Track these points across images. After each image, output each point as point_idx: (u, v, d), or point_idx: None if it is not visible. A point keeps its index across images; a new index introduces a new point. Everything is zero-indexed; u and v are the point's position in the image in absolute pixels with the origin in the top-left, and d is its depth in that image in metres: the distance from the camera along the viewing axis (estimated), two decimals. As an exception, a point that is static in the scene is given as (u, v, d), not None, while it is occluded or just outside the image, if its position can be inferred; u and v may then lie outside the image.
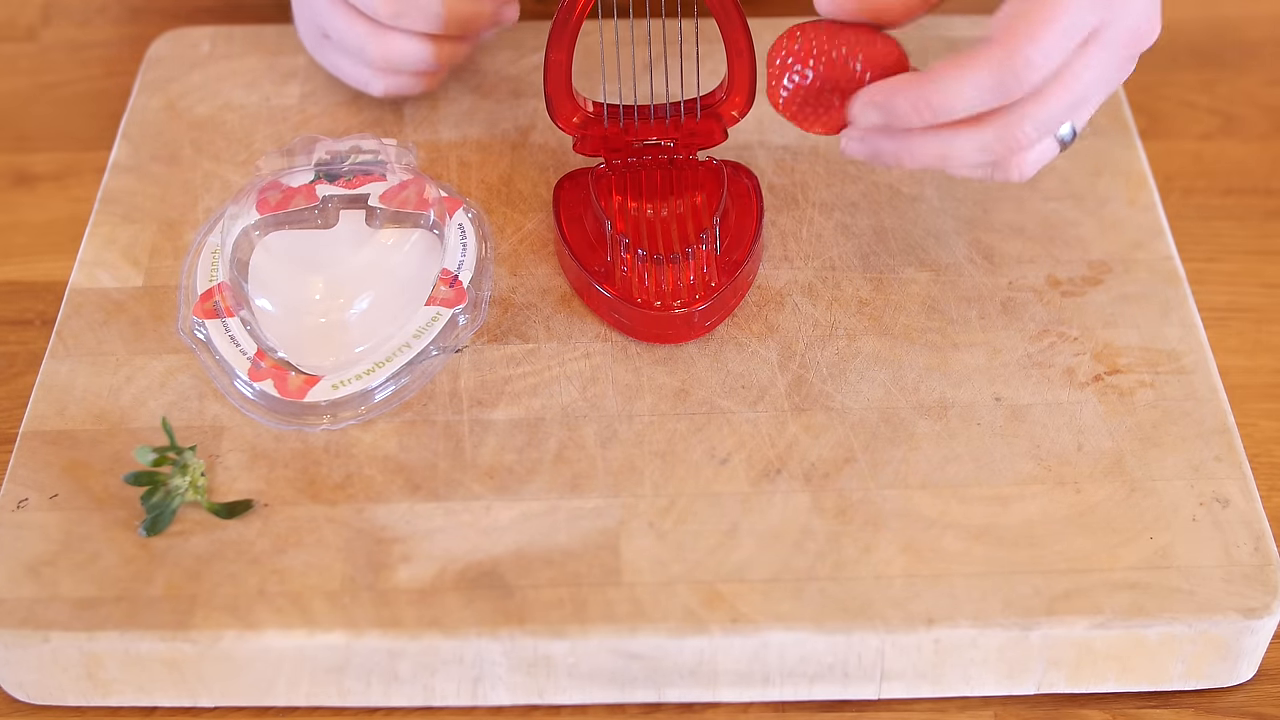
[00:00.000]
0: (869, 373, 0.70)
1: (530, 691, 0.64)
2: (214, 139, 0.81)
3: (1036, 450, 0.68)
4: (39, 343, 0.75)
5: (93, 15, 0.95)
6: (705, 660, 0.63)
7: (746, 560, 0.64)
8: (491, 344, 0.72)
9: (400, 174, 0.75)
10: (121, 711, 0.65)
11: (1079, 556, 0.64)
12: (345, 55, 0.79)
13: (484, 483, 0.67)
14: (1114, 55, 0.63)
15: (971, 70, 0.61)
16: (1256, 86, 0.90)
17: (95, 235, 0.77)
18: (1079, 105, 0.64)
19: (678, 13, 0.73)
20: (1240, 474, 0.67)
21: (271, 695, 0.64)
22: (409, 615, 0.63)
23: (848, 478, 0.67)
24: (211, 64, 0.85)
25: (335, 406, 0.69)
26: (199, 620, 0.63)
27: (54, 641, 0.62)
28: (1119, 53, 0.64)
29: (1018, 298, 0.74)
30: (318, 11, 0.78)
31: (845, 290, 0.74)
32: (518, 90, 0.83)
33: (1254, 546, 0.64)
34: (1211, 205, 0.84)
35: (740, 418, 0.69)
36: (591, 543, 0.65)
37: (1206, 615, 0.63)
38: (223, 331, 0.71)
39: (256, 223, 0.73)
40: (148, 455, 0.65)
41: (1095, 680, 0.64)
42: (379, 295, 0.71)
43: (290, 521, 0.66)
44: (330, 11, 0.77)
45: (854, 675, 0.64)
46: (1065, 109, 0.63)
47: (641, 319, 0.71)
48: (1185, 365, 0.71)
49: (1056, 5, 0.61)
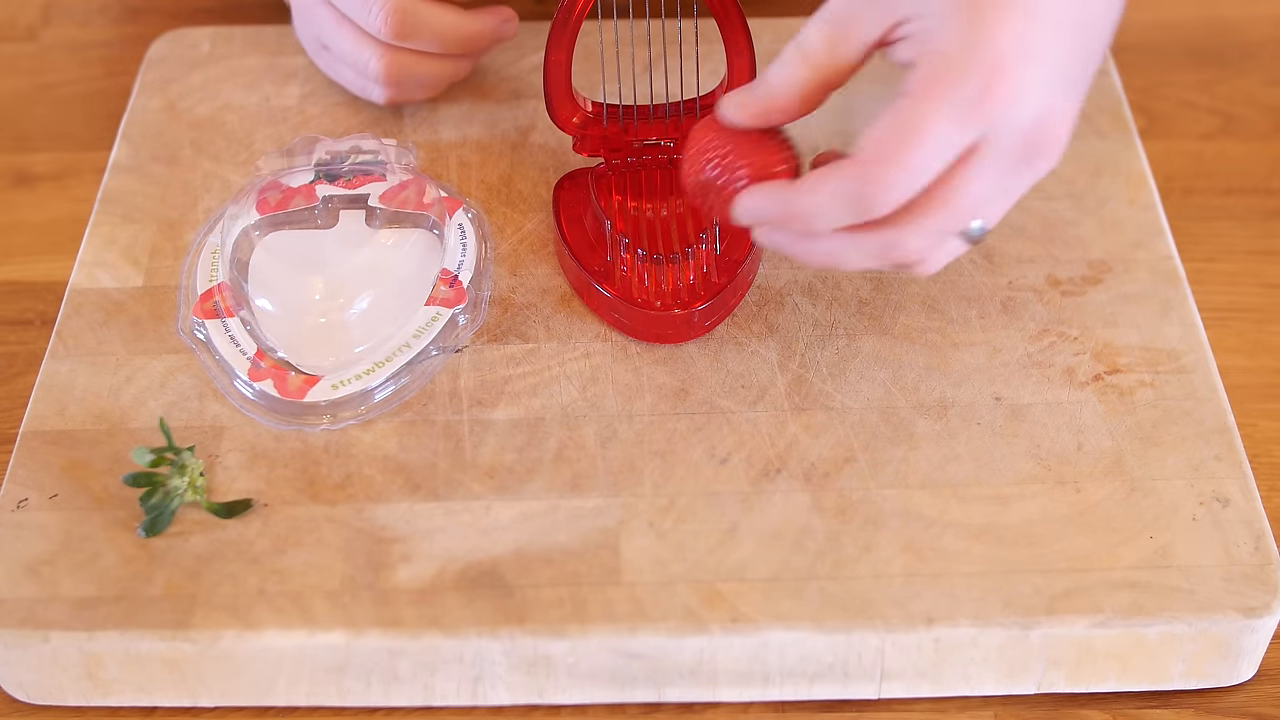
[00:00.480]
0: (869, 372, 0.70)
1: (530, 691, 0.64)
2: (214, 139, 0.81)
3: (1036, 450, 0.68)
4: (39, 343, 0.75)
5: (93, 15, 0.95)
6: (705, 660, 0.63)
7: (746, 560, 0.64)
8: (491, 344, 0.72)
9: (400, 174, 0.75)
10: (121, 711, 0.65)
11: (1079, 556, 0.64)
12: (348, 68, 0.79)
13: (484, 482, 0.67)
14: (1004, 165, 0.59)
15: (831, 188, 0.60)
16: (1256, 86, 0.90)
17: (95, 235, 0.77)
18: (969, 216, 0.61)
19: (677, 13, 0.73)
20: (1240, 474, 0.67)
21: (271, 695, 0.64)
22: (409, 615, 0.63)
23: (848, 477, 0.67)
24: (211, 64, 0.85)
25: (335, 406, 0.69)
26: (199, 620, 0.63)
27: (54, 641, 0.62)
28: (1010, 163, 0.60)
29: (1018, 297, 0.74)
30: (320, 26, 0.78)
31: (845, 290, 0.74)
32: (518, 90, 0.83)
33: (1254, 546, 0.64)
34: (1211, 205, 0.84)
35: (740, 417, 0.69)
36: (591, 542, 0.65)
37: (1207, 615, 0.63)
38: (223, 331, 0.71)
39: (256, 223, 0.73)
40: (145, 456, 0.65)
41: (1095, 680, 0.64)
42: (379, 295, 0.71)
43: (290, 521, 0.66)
44: (335, 30, 0.77)
45: (854, 675, 0.64)
46: (953, 222, 0.60)
47: (641, 319, 0.71)
48: (1185, 365, 0.71)
49: (920, 127, 0.58)
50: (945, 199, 0.59)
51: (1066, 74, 0.59)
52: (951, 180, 0.59)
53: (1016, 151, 0.59)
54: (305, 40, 0.82)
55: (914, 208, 0.59)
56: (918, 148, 0.58)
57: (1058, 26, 0.58)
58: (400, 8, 0.74)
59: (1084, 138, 0.81)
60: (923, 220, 0.60)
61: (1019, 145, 0.59)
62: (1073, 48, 0.59)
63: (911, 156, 0.58)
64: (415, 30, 0.75)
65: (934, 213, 0.59)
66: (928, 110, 0.57)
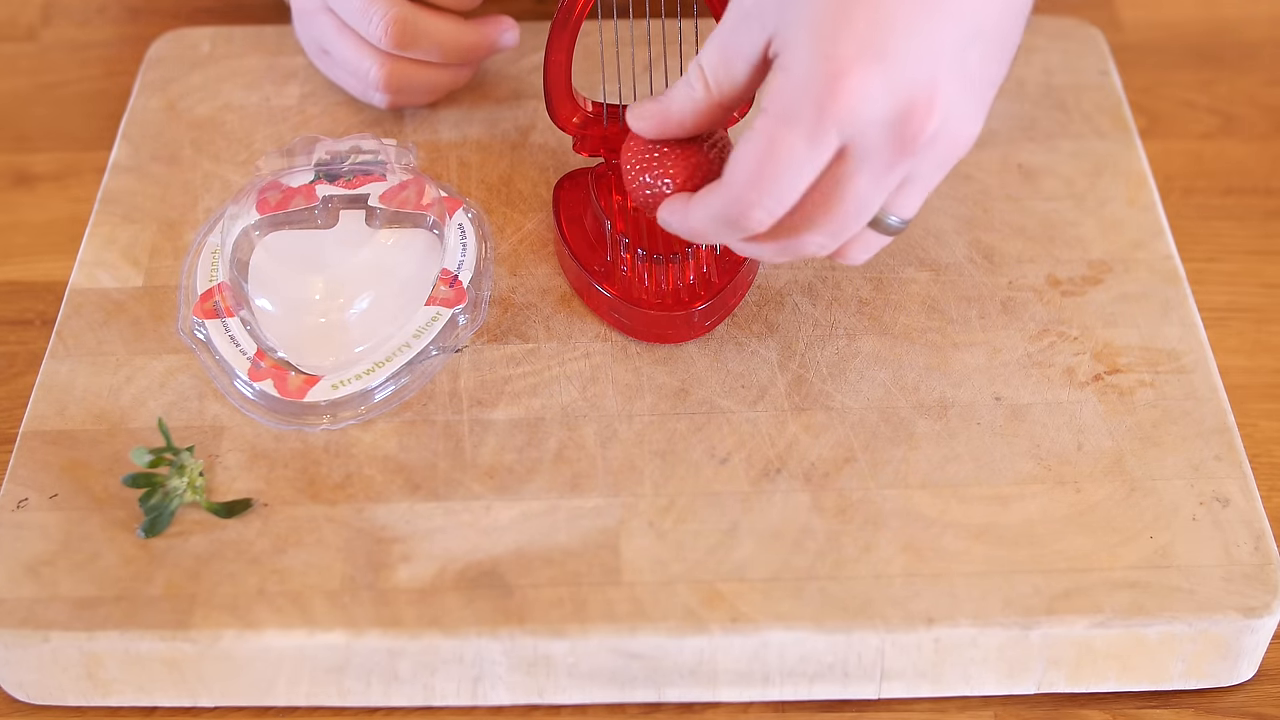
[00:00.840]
0: (869, 372, 0.70)
1: (530, 691, 0.64)
2: (214, 139, 0.81)
3: (1036, 450, 0.68)
4: (39, 343, 0.75)
5: (93, 15, 0.95)
6: (705, 660, 0.63)
7: (746, 560, 0.64)
8: (491, 344, 0.72)
9: (400, 174, 0.75)
10: (121, 711, 0.65)
11: (1079, 556, 0.64)
12: (350, 75, 0.79)
13: (484, 482, 0.67)
14: (878, 163, 0.59)
15: (707, 213, 0.62)
16: (1256, 86, 0.90)
17: (95, 235, 0.77)
18: (859, 215, 0.61)
19: (678, 13, 0.73)
20: (1240, 473, 0.67)
21: (271, 695, 0.64)
22: (409, 615, 0.63)
23: (848, 477, 0.67)
24: (211, 64, 0.85)
25: (335, 406, 0.69)
26: (199, 620, 0.63)
27: (54, 641, 0.62)
28: (885, 160, 0.59)
29: (1018, 297, 0.74)
30: (322, 32, 0.79)
31: (845, 290, 0.74)
32: (518, 90, 0.83)
33: (1254, 546, 0.64)
34: (1211, 205, 0.84)
35: (740, 417, 0.69)
36: (591, 542, 0.65)
37: (1206, 614, 0.63)
38: (223, 331, 0.71)
39: (256, 223, 0.73)
40: (144, 457, 0.65)
41: (1095, 680, 0.64)
42: (379, 295, 0.71)
43: (290, 521, 0.66)
44: (336, 38, 0.78)
45: (854, 675, 0.64)
46: (842, 225, 0.61)
47: (641, 319, 0.71)
48: (1185, 365, 0.71)
49: (773, 150, 0.58)
50: (827, 205, 0.60)
51: (936, 60, 0.58)
52: (827, 186, 0.60)
53: (888, 148, 0.58)
54: (306, 44, 0.82)
55: (799, 216, 0.61)
56: (775, 170, 0.59)
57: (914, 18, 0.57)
58: (400, 17, 0.75)
59: (1084, 138, 0.81)
60: (811, 227, 0.61)
61: (887, 142, 0.58)
62: (943, 31, 0.58)
63: (771, 180, 0.59)
64: (415, 40, 0.76)
65: (819, 219, 0.60)
66: (777, 131, 0.58)
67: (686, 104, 0.64)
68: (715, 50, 0.62)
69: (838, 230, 0.61)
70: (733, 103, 0.63)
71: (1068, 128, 0.81)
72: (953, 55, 0.58)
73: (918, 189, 0.61)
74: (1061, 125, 0.82)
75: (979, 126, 0.60)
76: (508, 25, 0.79)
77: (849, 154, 0.59)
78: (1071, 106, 0.83)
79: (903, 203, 0.62)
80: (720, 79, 0.62)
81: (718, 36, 0.62)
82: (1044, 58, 0.85)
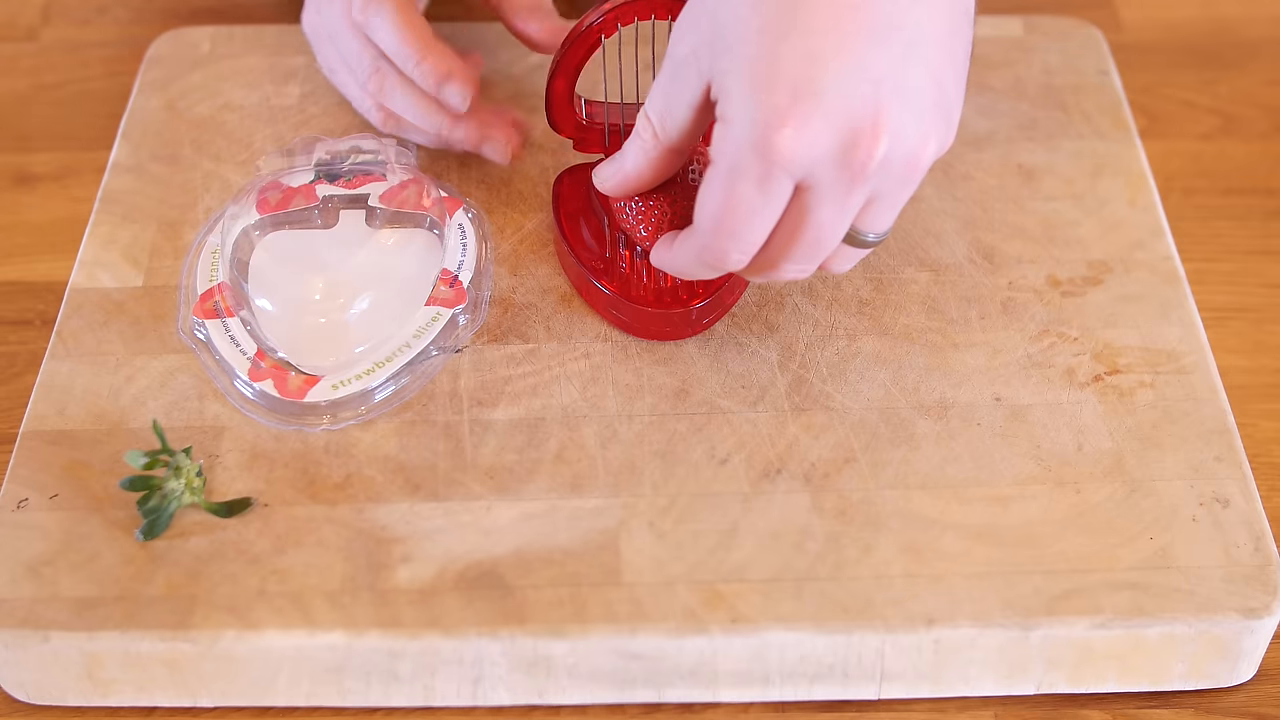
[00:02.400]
0: (869, 373, 0.70)
1: (530, 691, 0.64)
2: (214, 139, 0.81)
3: (1036, 450, 0.68)
4: (39, 343, 0.75)
5: (93, 15, 0.95)
6: (705, 660, 0.63)
7: (746, 560, 0.64)
8: (491, 344, 0.72)
9: (400, 174, 0.75)
10: (121, 711, 0.65)
11: (1079, 556, 0.64)
12: (356, 104, 0.80)
13: (484, 483, 0.67)
14: (836, 194, 0.59)
15: (686, 256, 0.64)
16: (1256, 86, 0.90)
17: (95, 235, 0.77)
18: (826, 243, 0.62)
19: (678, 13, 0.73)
20: (1240, 474, 0.67)
21: (271, 695, 0.64)
22: (409, 615, 0.63)
23: (848, 478, 0.67)
24: (211, 64, 0.85)
25: (335, 406, 0.69)
26: (199, 620, 0.63)
27: (54, 641, 0.62)
28: (843, 190, 0.59)
29: (1018, 298, 0.74)
30: (328, 61, 0.79)
31: (845, 290, 0.74)
32: (518, 91, 0.83)
33: (1254, 546, 0.64)
34: (1211, 205, 0.84)
35: (740, 418, 0.69)
36: (591, 543, 0.65)
37: (1207, 615, 0.63)
38: (223, 331, 0.71)
39: (256, 223, 0.73)
40: (139, 459, 0.65)
41: (1095, 680, 0.64)
42: (379, 295, 0.71)
43: (290, 521, 0.66)
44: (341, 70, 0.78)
45: (854, 675, 0.64)
46: (811, 253, 0.62)
47: (640, 316, 0.71)
48: (1185, 365, 0.71)
49: (728, 200, 0.59)
50: (795, 238, 0.61)
51: (875, 86, 0.58)
52: (792, 222, 0.61)
53: (840, 179, 0.59)
54: (321, 62, 0.81)
55: (773, 250, 0.62)
56: (734, 220, 0.60)
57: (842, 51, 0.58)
58: (379, 70, 0.75)
59: (1084, 138, 0.81)
60: (785, 258, 0.62)
61: (838, 174, 0.59)
62: (874, 57, 0.58)
63: (733, 229, 0.60)
64: (390, 95, 0.76)
65: (791, 251, 0.62)
66: (729, 183, 0.59)
67: (640, 157, 0.65)
68: (659, 99, 0.63)
69: (810, 257, 0.62)
70: (684, 146, 0.64)
71: (1068, 128, 0.81)
72: (890, 78, 0.58)
73: (885, 206, 0.62)
74: (1061, 125, 0.82)
75: (941, 137, 0.60)
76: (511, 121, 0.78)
77: (805, 191, 0.60)
78: (1071, 106, 0.83)
79: (873, 220, 0.62)
80: (667, 126, 0.63)
81: (658, 85, 0.63)
82: (1044, 58, 0.85)
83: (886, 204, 0.61)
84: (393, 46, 0.74)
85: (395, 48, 0.74)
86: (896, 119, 0.58)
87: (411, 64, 0.74)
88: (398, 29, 0.74)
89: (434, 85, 0.74)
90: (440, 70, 0.74)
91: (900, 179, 0.60)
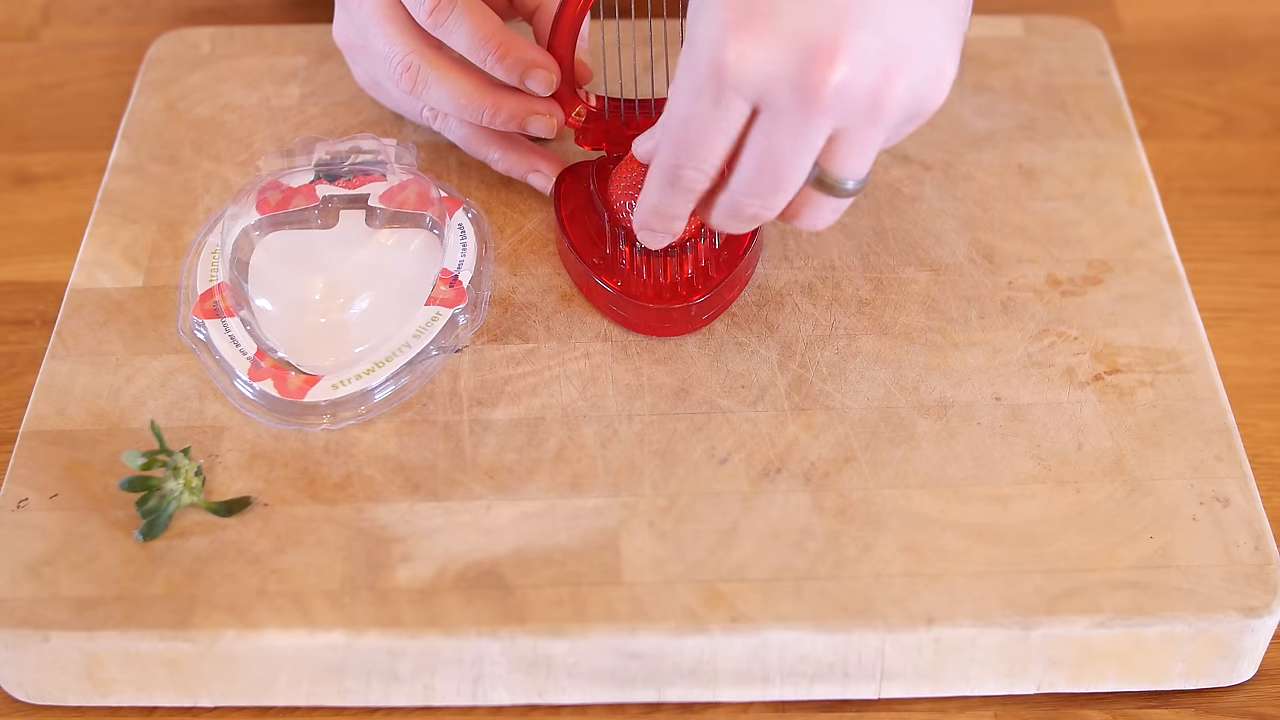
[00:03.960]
0: (869, 372, 0.70)
1: (530, 691, 0.64)
2: (214, 139, 0.81)
3: (1036, 450, 0.68)
4: (39, 343, 0.75)
5: (93, 15, 0.95)
6: (705, 660, 0.63)
7: (746, 560, 0.64)
8: (491, 344, 0.72)
9: (400, 174, 0.75)
10: (121, 711, 0.65)
11: (1079, 556, 0.64)
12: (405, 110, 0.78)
13: (484, 482, 0.67)
14: (791, 121, 0.59)
15: (651, 180, 0.64)
16: (1256, 86, 0.90)
17: (95, 235, 0.77)
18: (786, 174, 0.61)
19: (678, 13, 0.73)
20: (1240, 474, 0.67)
21: (271, 695, 0.64)
22: (409, 615, 0.63)
23: (848, 477, 0.67)
24: (211, 64, 0.85)
25: (335, 406, 0.69)
26: (199, 620, 0.63)
27: (54, 641, 0.62)
28: (798, 117, 0.59)
29: (1018, 297, 0.74)
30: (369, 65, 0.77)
31: (845, 290, 0.74)
32: (518, 90, 0.83)
33: (1254, 546, 0.64)
34: (1211, 205, 0.84)
35: (740, 417, 0.69)
36: (591, 542, 0.65)
37: (1207, 614, 0.63)
38: (223, 331, 0.71)
39: (256, 223, 0.73)
40: (137, 460, 0.65)
41: (1095, 680, 0.64)
42: (379, 295, 0.71)
43: (290, 521, 0.66)
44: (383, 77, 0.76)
45: (854, 675, 0.64)
46: (774, 186, 0.61)
47: (639, 312, 0.71)
48: (1185, 365, 0.71)
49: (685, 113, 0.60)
50: (754, 166, 0.61)
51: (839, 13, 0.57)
52: (749, 148, 0.61)
53: (794, 103, 0.58)
54: (359, 78, 0.80)
55: (735, 180, 0.62)
56: (689, 137, 0.61)
57: None
58: (409, 65, 0.73)
59: (1084, 138, 0.81)
60: (745, 190, 0.62)
61: (791, 97, 0.58)
62: None
63: (690, 145, 0.61)
64: (425, 88, 0.73)
65: (750, 181, 0.62)
66: (686, 102, 0.60)
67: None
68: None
69: (769, 190, 0.62)
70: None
71: (1068, 128, 0.81)
72: (858, 9, 0.58)
73: (852, 147, 0.61)
74: (1061, 125, 0.82)
75: (914, 81, 0.59)
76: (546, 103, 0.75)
77: (760, 113, 0.60)
78: (1071, 106, 0.83)
79: (841, 162, 0.61)
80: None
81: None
82: (1044, 58, 0.85)
83: (852, 143, 0.60)
84: (469, 46, 0.72)
85: (472, 47, 0.72)
86: (858, 47, 0.58)
87: (492, 61, 0.73)
88: (471, 27, 0.72)
89: (518, 78, 0.73)
90: (525, 60, 0.73)
91: (863, 116, 0.59)
